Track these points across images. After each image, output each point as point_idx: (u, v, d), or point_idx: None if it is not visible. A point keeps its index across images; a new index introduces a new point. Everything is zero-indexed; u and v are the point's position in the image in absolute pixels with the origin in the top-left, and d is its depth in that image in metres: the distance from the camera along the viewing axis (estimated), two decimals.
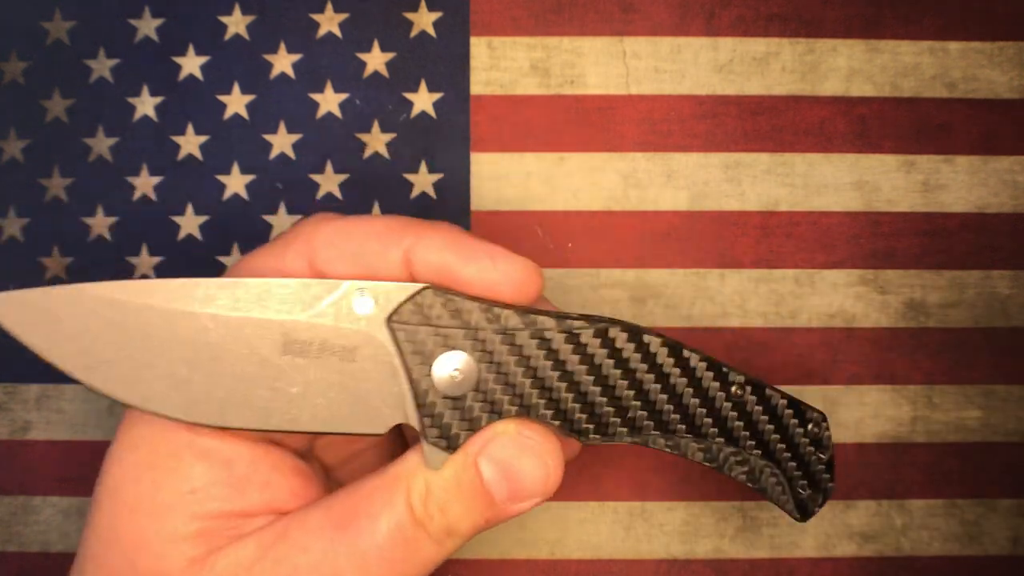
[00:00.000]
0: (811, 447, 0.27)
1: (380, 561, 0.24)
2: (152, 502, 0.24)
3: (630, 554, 0.34)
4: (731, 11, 0.35)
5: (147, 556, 0.24)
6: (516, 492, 0.25)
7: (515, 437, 0.25)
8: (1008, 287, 0.34)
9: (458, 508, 0.25)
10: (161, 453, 0.25)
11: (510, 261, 0.25)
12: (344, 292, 0.24)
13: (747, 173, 0.34)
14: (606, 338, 0.25)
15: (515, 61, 0.35)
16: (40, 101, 0.35)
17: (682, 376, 0.26)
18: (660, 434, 0.26)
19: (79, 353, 0.24)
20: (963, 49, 0.35)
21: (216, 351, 0.24)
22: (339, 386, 0.24)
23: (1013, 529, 0.34)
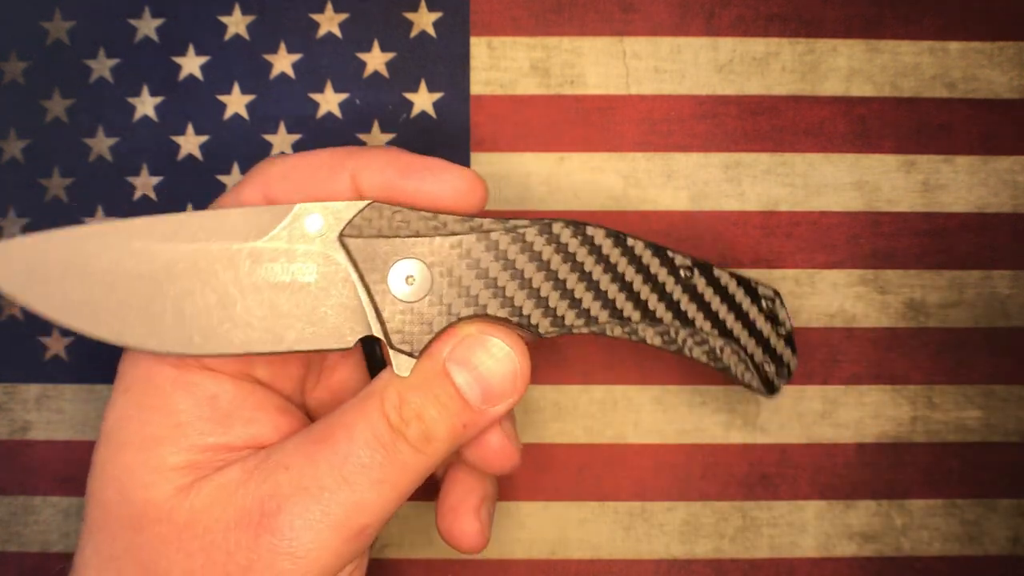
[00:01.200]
0: (767, 322, 0.28)
1: (360, 469, 0.25)
2: (141, 436, 0.25)
3: (630, 554, 0.34)
4: (731, 11, 0.35)
5: (137, 486, 0.25)
6: (488, 392, 0.26)
7: (479, 338, 0.26)
8: (1008, 287, 0.34)
9: (433, 412, 0.25)
10: (149, 392, 0.26)
11: (450, 171, 0.26)
12: (295, 214, 0.25)
13: (747, 173, 0.34)
14: (551, 234, 0.26)
15: (515, 61, 0.35)
16: (40, 101, 0.35)
17: (629, 264, 0.27)
18: (616, 322, 0.27)
19: (52, 296, 0.25)
20: (963, 49, 0.35)
21: (180, 283, 0.25)
22: (300, 305, 0.25)
23: (1013, 529, 0.34)
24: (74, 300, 0.25)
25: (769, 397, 0.29)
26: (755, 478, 0.34)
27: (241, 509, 0.24)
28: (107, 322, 0.25)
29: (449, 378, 0.26)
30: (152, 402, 0.26)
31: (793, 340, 0.29)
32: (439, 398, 0.25)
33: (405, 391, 0.25)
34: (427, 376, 0.26)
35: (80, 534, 0.26)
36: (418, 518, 0.34)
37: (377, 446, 0.25)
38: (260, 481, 0.25)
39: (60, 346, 0.34)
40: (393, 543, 0.34)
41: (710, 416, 0.34)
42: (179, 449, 0.25)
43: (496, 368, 0.26)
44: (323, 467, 0.25)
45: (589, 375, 0.34)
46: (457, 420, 0.26)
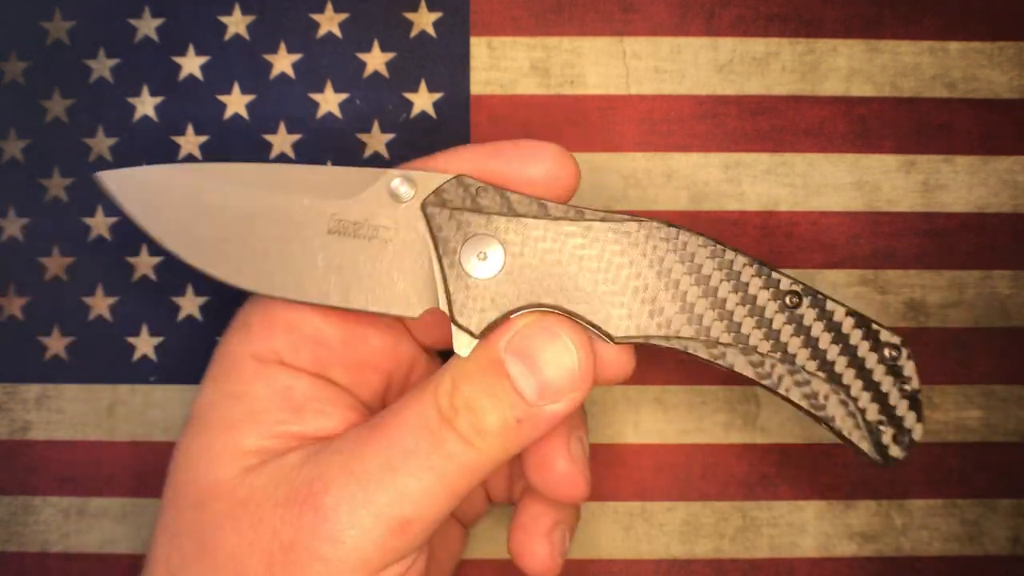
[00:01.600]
0: (889, 375, 0.24)
1: (404, 455, 0.24)
2: (221, 421, 0.26)
3: (630, 554, 0.34)
4: (731, 11, 0.35)
5: (207, 466, 0.26)
6: (544, 387, 0.24)
7: (539, 326, 0.25)
8: (1008, 287, 0.34)
9: (484, 402, 0.24)
10: (232, 380, 0.27)
11: (541, 149, 0.26)
12: (385, 179, 0.26)
13: (747, 173, 0.34)
14: (638, 232, 0.25)
15: (515, 61, 0.35)
16: (40, 101, 0.35)
17: (726, 280, 0.24)
18: (701, 342, 0.24)
19: (167, 223, 0.27)
20: (963, 49, 0.35)
21: (273, 228, 0.26)
22: (376, 266, 0.26)
23: (1013, 529, 0.34)
24: (184, 230, 0.27)
25: (883, 465, 0.24)
26: (755, 478, 0.34)
27: (292, 488, 0.24)
28: (206, 252, 0.27)
29: (503, 368, 0.24)
30: (234, 389, 0.27)
31: (920, 402, 0.24)
32: (491, 388, 0.24)
33: (459, 377, 0.25)
34: (482, 363, 0.25)
35: (157, 513, 0.27)
36: None
37: (424, 432, 0.24)
38: (314, 464, 0.25)
39: (60, 346, 0.34)
40: None
41: (710, 416, 0.34)
42: (253, 433, 0.26)
43: (554, 361, 0.24)
44: (370, 452, 0.24)
45: None
46: (510, 414, 0.24)
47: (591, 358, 0.25)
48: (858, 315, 0.24)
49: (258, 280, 0.26)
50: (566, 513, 0.29)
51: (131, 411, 0.34)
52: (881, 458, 0.24)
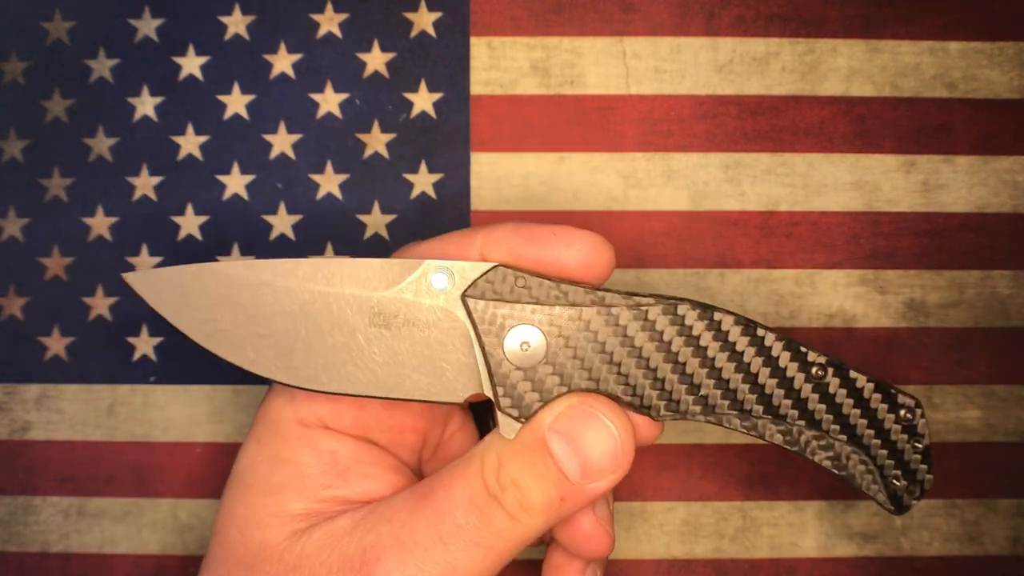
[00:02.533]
0: (904, 434, 0.26)
1: (454, 530, 0.25)
2: (267, 482, 0.27)
3: (630, 554, 0.34)
4: (731, 11, 0.35)
5: (256, 527, 0.26)
6: (587, 467, 0.25)
7: (581, 408, 0.26)
8: (1008, 287, 0.34)
9: (529, 480, 0.25)
10: (277, 443, 0.28)
11: (577, 238, 0.27)
12: (423, 270, 0.26)
13: (747, 173, 0.34)
14: (675, 315, 0.26)
15: (515, 61, 0.35)
16: (40, 101, 0.35)
17: (757, 355, 0.26)
18: (735, 414, 0.26)
19: (201, 322, 0.27)
20: (963, 49, 0.35)
21: (313, 322, 0.27)
22: (419, 356, 0.26)
23: (1013, 529, 0.34)
24: (219, 328, 0.27)
25: (896, 514, 0.27)
26: (755, 478, 0.34)
27: (344, 556, 0.25)
28: (246, 351, 0.27)
29: (548, 448, 0.25)
30: (279, 452, 0.28)
31: (931, 457, 0.26)
32: (536, 467, 0.25)
33: (505, 456, 0.26)
34: (527, 443, 0.26)
35: (200, 569, 0.28)
36: None
37: (472, 508, 0.25)
38: (365, 531, 0.25)
39: (60, 346, 0.34)
40: None
41: None
42: (300, 497, 0.27)
43: (597, 443, 0.25)
44: (421, 523, 0.25)
45: None
46: (554, 492, 0.25)
47: (632, 439, 0.26)
48: (878, 381, 0.26)
49: (304, 376, 0.27)
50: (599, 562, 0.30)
51: (131, 411, 0.34)
52: (895, 508, 0.27)
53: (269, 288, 0.27)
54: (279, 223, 0.35)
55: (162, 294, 0.27)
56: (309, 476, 0.27)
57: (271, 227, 0.35)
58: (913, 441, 0.26)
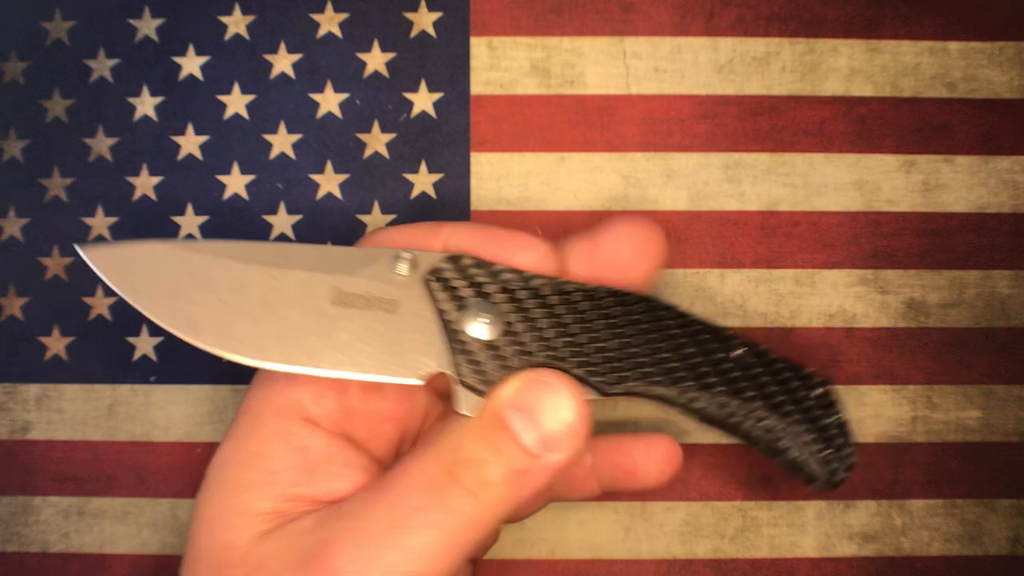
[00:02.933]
0: (820, 411, 0.28)
1: (410, 513, 0.25)
2: (236, 480, 0.27)
3: (630, 554, 0.34)
4: (731, 11, 0.35)
5: (222, 528, 0.26)
6: (544, 437, 0.26)
7: (535, 381, 0.26)
8: (1008, 287, 0.34)
9: (488, 456, 0.25)
10: (251, 439, 0.28)
11: (532, 248, 0.28)
12: (389, 256, 0.28)
13: (747, 173, 0.34)
14: (626, 304, 0.28)
15: (515, 61, 0.35)
16: (40, 101, 0.35)
17: (688, 340, 0.28)
18: (674, 390, 0.28)
19: (166, 304, 0.27)
20: (963, 49, 0.35)
21: (279, 302, 0.27)
22: (381, 336, 0.27)
23: (1013, 529, 0.34)
24: (186, 310, 0.27)
25: (827, 488, 0.28)
26: (755, 478, 0.34)
27: (302, 553, 0.25)
28: (211, 331, 0.27)
29: (505, 422, 0.26)
30: (252, 448, 0.27)
31: (849, 432, 0.28)
32: (494, 441, 0.25)
33: (463, 436, 0.26)
34: (484, 420, 0.26)
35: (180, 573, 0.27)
36: None
37: (429, 489, 0.25)
38: (324, 527, 0.25)
39: (60, 346, 0.34)
40: None
41: None
42: (267, 496, 0.26)
43: (553, 413, 0.26)
44: (378, 512, 0.25)
45: None
46: (513, 465, 0.25)
47: (587, 411, 0.26)
48: (790, 362, 0.28)
49: (269, 355, 0.27)
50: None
51: (131, 411, 0.34)
52: (824, 482, 0.28)
53: (232, 265, 0.27)
54: (279, 223, 0.35)
55: (122, 273, 0.27)
56: (279, 473, 0.27)
57: (271, 227, 0.35)
58: (830, 415, 0.28)
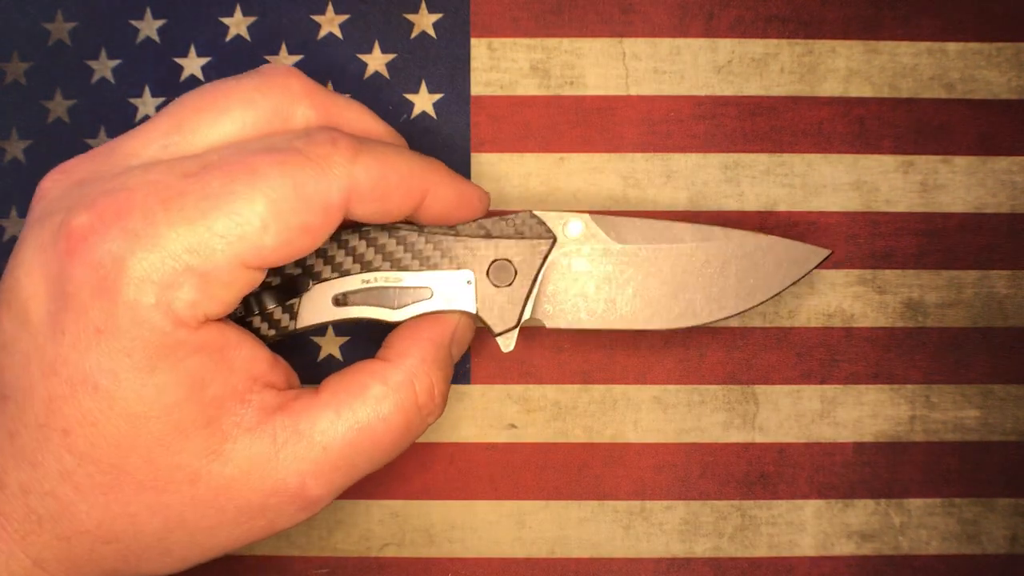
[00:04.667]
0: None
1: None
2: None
3: (630, 553, 0.34)
4: (730, 12, 0.35)
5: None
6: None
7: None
8: (1006, 287, 0.34)
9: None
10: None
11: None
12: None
13: (746, 173, 0.35)
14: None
15: (515, 62, 0.35)
16: (42, 102, 0.35)
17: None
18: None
19: None
20: (961, 50, 0.35)
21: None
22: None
23: (1011, 528, 0.34)
24: None
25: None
26: (754, 477, 0.34)
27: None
28: None
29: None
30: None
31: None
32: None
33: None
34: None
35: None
36: (418, 518, 0.34)
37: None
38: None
39: None
40: (393, 543, 0.34)
41: (709, 415, 0.34)
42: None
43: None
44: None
45: (589, 375, 0.34)
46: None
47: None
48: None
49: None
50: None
51: None
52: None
53: None
54: None
55: None
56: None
57: None
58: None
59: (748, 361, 0.34)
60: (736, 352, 0.34)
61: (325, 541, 0.34)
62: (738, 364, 0.34)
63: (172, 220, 0.24)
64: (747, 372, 0.34)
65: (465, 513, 0.34)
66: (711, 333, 0.34)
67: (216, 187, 0.24)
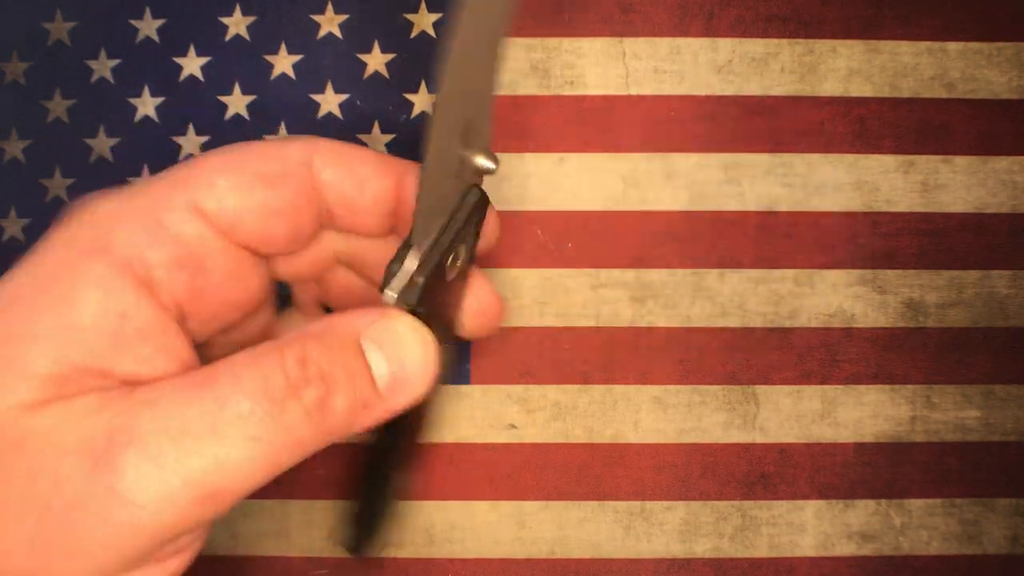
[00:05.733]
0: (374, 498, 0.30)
1: (235, 420, 0.21)
2: (22, 321, 0.21)
3: (630, 553, 0.34)
4: (730, 12, 0.35)
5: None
6: (396, 378, 0.24)
7: (398, 321, 0.24)
8: (1007, 287, 0.34)
9: (340, 377, 0.23)
10: (62, 277, 0.22)
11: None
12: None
13: (746, 173, 0.35)
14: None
15: (515, 62, 0.35)
16: (41, 101, 0.35)
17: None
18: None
19: None
20: (962, 50, 0.35)
21: None
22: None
23: (1012, 528, 0.34)
24: None
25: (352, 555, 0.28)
26: (754, 477, 0.34)
27: (83, 436, 0.20)
28: None
29: (362, 352, 0.23)
30: (58, 288, 0.22)
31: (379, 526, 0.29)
32: (348, 366, 0.23)
33: (312, 348, 0.22)
34: (341, 339, 0.23)
35: None
36: (418, 518, 0.34)
37: (263, 398, 0.21)
38: (116, 412, 0.21)
39: None
40: (393, 543, 0.34)
41: (710, 416, 0.34)
42: (56, 356, 0.21)
43: (411, 357, 0.24)
44: (194, 410, 0.21)
45: (589, 375, 0.34)
46: (359, 396, 0.23)
47: (437, 356, 0.24)
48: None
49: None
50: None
51: None
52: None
53: None
54: None
55: None
56: (82, 331, 0.21)
57: None
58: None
59: (748, 361, 0.34)
60: (736, 352, 0.34)
61: (325, 541, 0.34)
62: (738, 364, 0.34)
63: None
64: (747, 372, 0.34)
65: (465, 513, 0.34)
66: (711, 333, 0.34)
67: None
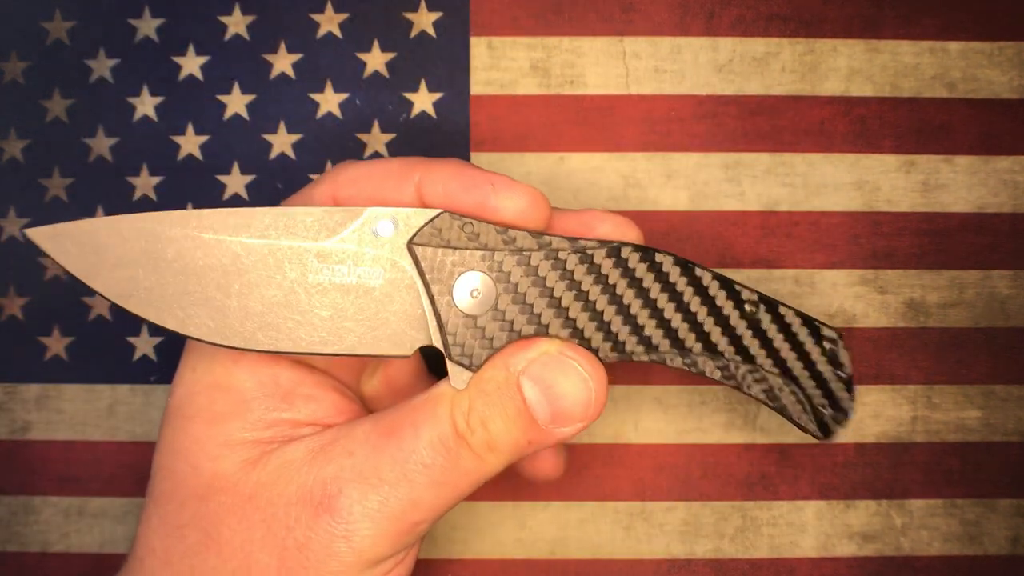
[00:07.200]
0: (829, 365, 0.27)
1: (421, 468, 0.25)
2: (209, 412, 0.26)
3: (630, 554, 0.34)
4: (731, 11, 0.35)
5: (205, 459, 0.26)
6: (558, 414, 0.26)
7: (558, 358, 0.26)
8: (1008, 287, 0.34)
9: (499, 423, 0.25)
10: (215, 371, 0.27)
11: (513, 189, 0.26)
12: (366, 218, 0.25)
13: (747, 173, 0.34)
14: (618, 257, 0.26)
15: (515, 61, 0.35)
16: (40, 101, 0.35)
17: (695, 294, 0.26)
18: (676, 352, 0.26)
19: (120, 281, 0.25)
20: (963, 49, 0.35)
21: (247, 277, 0.25)
22: (363, 309, 0.25)
23: (1012, 529, 0.34)
24: (141, 286, 0.25)
25: (823, 440, 0.28)
26: (755, 478, 0.34)
27: (303, 487, 0.25)
28: (172, 311, 0.25)
29: (520, 392, 0.25)
30: (218, 380, 0.27)
31: (853, 386, 0.27)
32: (507, 411, 0.26)
33: (476, 398, 0.26)
34: (498, 386, 0.26)
35: (144, 507, 0.27)
36: None
37: (441, 449, 0.25)
38: (324, 463, 0.25)
39: (60, 346, 0.34)
40: None
41: (710, 416, 0.34)
42: (246, 424, 0.26)
43: (571, 392, 0.26)
44: (386, 460, 0.25)
45: None
46: (522, 435, 0.26)
47: (605, 389, 0.26)
48: (803, 315, 0.27)
49: (240, 336, 0.25)
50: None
51: (131, 411, 0.34)
52: (822, 433, 0.28)
53: (196, 241, 0.25)
54: None
55: (72, 250, 0.25)
56: (252, 401, 0.27)
57: None
58: (837, 371, 0.27)
59: None
60: None
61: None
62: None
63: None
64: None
65: (466, 514, 0.34)
66: None
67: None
